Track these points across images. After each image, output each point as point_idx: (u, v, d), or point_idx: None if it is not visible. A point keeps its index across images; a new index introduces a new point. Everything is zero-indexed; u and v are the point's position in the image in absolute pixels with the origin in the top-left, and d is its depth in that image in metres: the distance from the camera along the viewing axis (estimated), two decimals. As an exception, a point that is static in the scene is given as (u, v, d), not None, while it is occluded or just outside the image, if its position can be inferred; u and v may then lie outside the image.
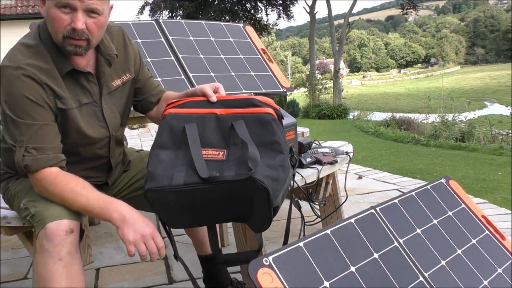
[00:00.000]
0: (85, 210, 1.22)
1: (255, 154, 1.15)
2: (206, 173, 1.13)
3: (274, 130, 1.23)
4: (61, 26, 1.20)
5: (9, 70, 1.20)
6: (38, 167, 1.21)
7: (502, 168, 4.79)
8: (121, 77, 1.43)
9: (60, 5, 1.18)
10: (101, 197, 1.23)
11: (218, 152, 1.20)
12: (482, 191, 3.59)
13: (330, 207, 2.37)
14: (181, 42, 2.54)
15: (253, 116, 1.24)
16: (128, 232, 1.17)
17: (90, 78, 1.33)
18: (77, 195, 1.21)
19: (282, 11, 20.84)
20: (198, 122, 1.24)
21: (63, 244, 1.15)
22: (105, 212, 1.20)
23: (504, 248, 1.40)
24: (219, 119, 1.25)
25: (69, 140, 1.31)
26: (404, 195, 1.38)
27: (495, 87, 42.71)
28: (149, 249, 1.18)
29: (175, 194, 1.13)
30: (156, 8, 20.22)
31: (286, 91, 2.68)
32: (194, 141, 1.20)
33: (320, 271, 1.00)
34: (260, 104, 1.26)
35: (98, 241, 2.44)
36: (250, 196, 1.15)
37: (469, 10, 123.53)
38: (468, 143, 7.47)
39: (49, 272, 1.14)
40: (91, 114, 1.34)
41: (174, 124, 1.24)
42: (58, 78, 1.26)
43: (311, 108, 14.39)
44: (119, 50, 1.42)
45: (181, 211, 1.19)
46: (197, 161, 1.15)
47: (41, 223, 1.18)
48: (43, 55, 1.25)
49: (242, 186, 1.13)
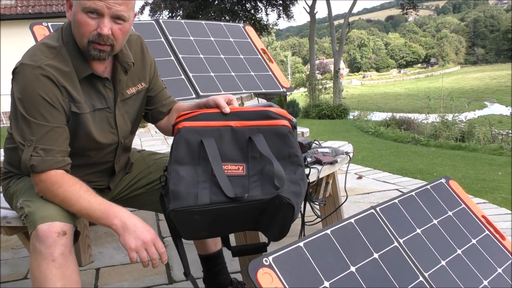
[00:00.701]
0: (85, 213, 1.22)
1: (280, 171, 1.15)
2: (232, 192, 1.12)
3: (292, 142, 1.22)
4: (87, 31, 1.21)
5: (28, 68, 1.20)
6: (44, 169, 1.20)
7: (502, 168, 4.80)
8: (136, 86, 1.43)
9: (88, 10, 1.19)
10: (102, 202, 1.22)
11: (238, 167, 1.19)
12: (482, 191, 3.59)
13: (330, 207, 2.37)
14: (181, 42, 2.54)
15: (270, 128, 1.22)
16: (129, 239, 1.17)
17: (107, 84, 1.34)
18: (80, 197, 1.21)
19: (282, 11, 20.85)
20: (214, 135, 1.22)
21: (56, 246, 1.15)
22: (106, 217, 1.20)
23: (504, 248, 1.40)
24: (235, 131, 1.23)
25: (77, 144, 1.31)
26: (404, 195, 1.38)
27: (495, 87, 42.71)
28: (151, 255, 1.18)
29: (200, 213, 1.13)
30: (156, 8, 20.23)
31: (286, 91, 2.68)
32: (214, 158, 1.18)
33: (320, 271, 1.00)
34: (276, 116, 1.25)
35: (98, 241, 2.44)
36: (274, 211, 1.15)
37: (469, 10, 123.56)
38: (468, 143, 7.47)
39: (43, 274, 1.14)
40: (104, 120, 1.35)
41: (190, 138, 1.22)
42: (76, 82, 1.26)
43: (311, 108, 14.40)
44: (137, 59, 1.42)
45: (201, 226, 1.19)
46: (221, 179, 1.14)
47: (33, 225, 1.17)
48: (64, 58, 1.25)
49: (267, 203, 1.13)
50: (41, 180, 1.22)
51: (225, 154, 1.20)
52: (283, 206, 1.13)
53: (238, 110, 1.27)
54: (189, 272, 1.31)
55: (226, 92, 2.43)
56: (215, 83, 2.45)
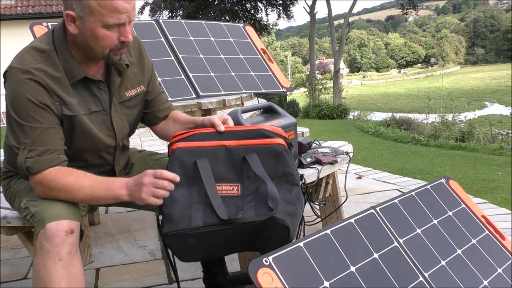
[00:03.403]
0: (91, 197, 1.23)
1: (274, 193, 1.15)
2: (225, 214, 1.13)
3: (287, 161, 1.22)
4: (111, 43, 1.24)
5: (17, 71, 1.20)
6: (39, 169, 1.21)
7: (502, 168, 4.80)
8: (136, 88, 1.43)
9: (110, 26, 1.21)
10: (102, 180, 1.24)
11: (232, 187, 1.19)
12: (482, 191, 3.59)
13: (330, 207, 2.37)
14: (181, 42, 2.54)
15: (265, 147, 1.22)
16: (139, 195, 1.17)
17: (101, 86, 1.34)
18: (80, 185, 1.22)
19: (282, 11, 20.84)
20: (208, 155, 1.22)
21: (63, 245, 1.15)
22: (111, 193, 1.22)
23: (504, 248, 1.40)
24: (230, 151, 1.23)
25: (75, 146, 1.31)
26: (404, 195, 1.38)
27: (495, 87, 42.71)
28: (162, 187, 1.16)
29: (193, 236, 1.14)
30: (156, 8, 20.23)
31: (286, 91, 2.68)
32: (208, 179, 1.18)
33: (320, 271, 1.00)
34: (271, 134, 1.25)
35: (98, 241, 2.43)
36: (269, 232, 1.15)
37: (469, 10, 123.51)
38: (468, 143, 7.47)
39: (49, 273, 1.14)
40: (100, 122, 1.35)
41: (184, 159, 1.22)
42: (66, 85, 1.26)
43: (311, 108, 14.40)
44: (135, 61, 1.43)
45: (196, 248, 1.19)
46: (214, 201, 1.14)
47: (41, 223, 1.18)
48: (53, 61, 1.25)
49: (262, 224, 1.13)
50: (38, 181, 1.22)
51: (220, 174, 1.20)
52: (277, 228, 1.13)
53: (233, 130, 1.27)
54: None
55: (226, 92, 2.43)
56: (215, 83, 2.45)
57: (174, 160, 1.23)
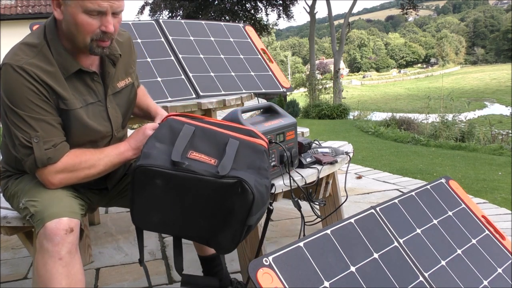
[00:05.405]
0: (110, 165, 1.33)
1: (227, 162, 1.20)
2: (178, 157, 1.18)
3: (265, 159, 1.29)
4: (91, 30, 1.23)
5: (10, 68, 1.20)
6: (59, 157, 1.25)
7: (502, 168, 4.80)
8: (124, 80, 1.45)
9: (91, 12, 1.20)
10: (110, 149, 1.34)
11: (211, 159, 1.23)
12: (482, 191, 3.59)
13: (330, 207, 2.37)
14: (181, 42, 2.54)
15: (249, 143, 1.30)
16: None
17: (95, 78, 1.35)
18: (97, 158, 1.31)
19: (282, 11, 20.84)
20: (197, 131, 1.29)
21: (63, 244, 1.15)
22: (122, 157, 1.34)
23: (504, 248, 1.40)
24: (217, 135, 1.30)
25: (72, 140, 1.31)
26: (404, 195, 1.38)
27: (495, 87, 42.70)
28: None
29: (161, 178, 1.17)
30: (156, 8, 20.22)
31: (286, 91, 2.68)
32: (183, 138, 1.25)
33: (320, 271, 1.00)
34: (258, 136, 1.34)
35: (98, 241, 2.44)
36: (231, 203, 1.16)
37: (469, 10, 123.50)
38: (468, 143, 7.47)
39: (49, 272, 1.14)
40: (97, 113, 1.36)
41: (173, 125, 1.30)
42: (60, 79, 1.26)
43: (311, 108, 14.40)
44: (126, 53, 1.45)
45: (155, 203, 1.21)
46: (175, 150, 1.20)
47: (41, 223, 1.18)
48: (45, 56, 1.25)
49: (228, 189, 1.15)
50: (60, 169, 1.26)
51: (202, 148, 1.26)
52: (243, 195, 1.15)
53: (226, 123, 1.36)
54: (142, 259, 1.36)
55: (226, 92, 2.43)
56: (215, 83, 2.45)
57: (164, 124, 1.32)
